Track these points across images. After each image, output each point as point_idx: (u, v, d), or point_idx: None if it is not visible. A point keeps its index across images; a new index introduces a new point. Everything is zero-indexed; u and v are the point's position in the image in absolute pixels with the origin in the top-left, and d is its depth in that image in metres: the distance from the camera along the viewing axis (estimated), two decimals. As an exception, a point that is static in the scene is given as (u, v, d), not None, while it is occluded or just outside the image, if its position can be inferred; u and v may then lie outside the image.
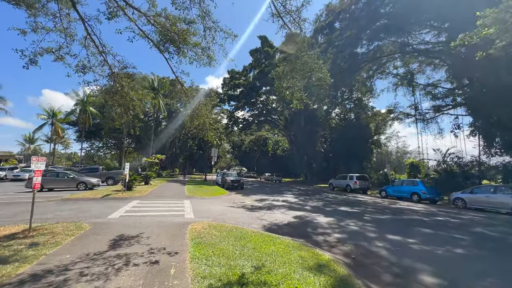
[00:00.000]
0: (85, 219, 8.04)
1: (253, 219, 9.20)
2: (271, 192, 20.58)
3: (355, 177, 22.30)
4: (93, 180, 18.91)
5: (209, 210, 10.63)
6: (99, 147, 67.39)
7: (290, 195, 18.83)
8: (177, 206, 11.29)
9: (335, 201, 15.85)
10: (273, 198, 16.25)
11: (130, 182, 16.03)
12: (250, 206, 12.45)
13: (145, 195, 14.73)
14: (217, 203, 12.99)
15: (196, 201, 13.54)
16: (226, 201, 14.29)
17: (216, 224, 7.56)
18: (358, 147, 35.92)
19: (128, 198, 13.30)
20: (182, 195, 15.80)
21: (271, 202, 14.22)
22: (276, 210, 11.49)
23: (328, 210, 11.84)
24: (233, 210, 11.08)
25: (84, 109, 37.53)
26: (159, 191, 17.31)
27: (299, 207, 12.60)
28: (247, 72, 39.89)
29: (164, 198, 13.99)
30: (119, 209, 9.96)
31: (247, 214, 10.30)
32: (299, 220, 9.46)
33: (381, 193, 18.98)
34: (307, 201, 15.15)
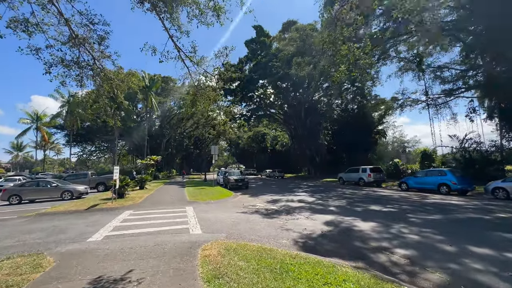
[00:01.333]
0: (56, 245, 5.88)
1: (277, 230, 7.17)
2: (280, 191, 18.58)
3: (368, 170, 20.47)
4: (80, 188, 16.59)
5: (218, 220, 8.54)
6: (92, 151, 64.52)
7: (302, 193, 16.86)
8: (178, 217, 9.17)
9: (357, 198, 13.93)
10: (286, 198, 14.24)
11: (121, 188, 13.81)
12: (265, 211, 10.42)
13: (139, 203, 12.55)
14: (225, 209, 10.91)
15: (200, 207, 11.43)
16: (234, 205, 12.22)
17: (235, 245, 5.48)
18: (362, 138, 34.13)
19: (119, 209, 11.10)
20: (183, 200, 13.66)
21: (287, 204, 12.21)
22: (297, 214, 9.48)
23: (359, 211, 9.88)
24: (247, 217, 9.01)
25: (70, 111, 34.80)
26: (156, 197, 15.13)
27: (323, 209, 10.61)
28: (242, 65, 37.58)
29: (162, 206, 11.84)
30: (105, 226, 7.81)
31: (266, 222, 8.25)
32: (334, 227, 7.47)
33: (401, 185, 17.16)
34: (326, 200, 13.18)
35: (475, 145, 20.45)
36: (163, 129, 50.83)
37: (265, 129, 60.96)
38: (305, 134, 38.63)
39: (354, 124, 34.45)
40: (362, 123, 34.16)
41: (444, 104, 23.84)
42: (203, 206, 11.72)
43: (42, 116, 35.90)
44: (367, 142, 34.61)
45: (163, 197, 14.79)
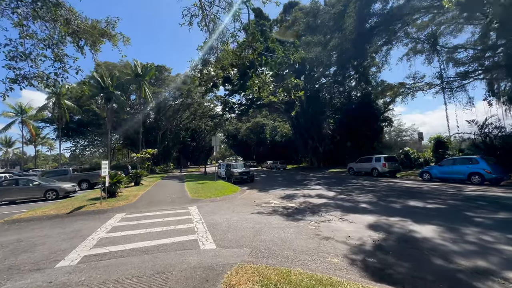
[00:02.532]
0: (7, 278, 4.01)
1: (314, 240, 5.41)
2: (289, 184, 16.87)
3: (383, 159, 18.84)
4: (66, 186, 14.61)
5: (232, 225, 6.74)
6: (85, 145, 61.98)
7: (315, 185, 15.15)
8: (182, 221, 7.35)
9: (383, 191, 12.26)
10: (301, 193, 12.52)
11: (112, 186, 11.88)
12: (284, 210, 8.66)
13: (133, 203, 10.67)
14: (235, 208, 9.12)
15: (206, 207, 9.61)
16: (244, 202, 10.43)
17: (274, 273, 3.68)
18: (367, 126, 32.57)
19: (108, 211, 9.22)
20: (184, 197, 11.82)
21: (306, 200, 10.47)
22: (326, 214, 7.75)
23: (399, 209, 8.18)
24: (266, 220, 7.23)
25: (58, 103, 32.24)
26: (153, 194, 13.25)
27: (352, 206, 8.89)
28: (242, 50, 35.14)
29: (161, 206, 9.99)
30: (87, 239, 5.94)
31: (293, 227, 6.48)
32: (386, 233, 5.73)
33: (423, 175, 15.57)
34: (349, 194, 11.47)
35: (496, 131, 18.91)
36: (158, 122, 48.46)
37: (264, 119, 58.96)
38: (307, 124, 36.82)
39: (359, 112, 32.73)
40: (367, 111, 32.44)
41: (460, 87, 22.14)
42: (209, 205, 9.90)
43: (27, 109, 33.23)
44: (373, 131, 33.01)
45: (161, 195, 12.92)
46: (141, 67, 35.76)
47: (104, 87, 30.42)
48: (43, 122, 40.75)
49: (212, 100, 50.56)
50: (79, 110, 33.58)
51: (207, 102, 49.72)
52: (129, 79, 33.38)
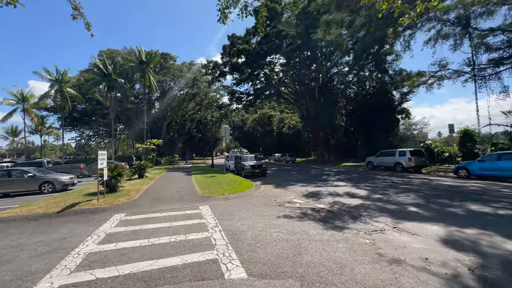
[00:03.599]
0: None
1: (380, 265, 3.81)
2: (307, 179, 15.28)
3: (408, 153, 17.06)
4: (64, 178, 13.27)
5: (259, 236, 5.18)
6: (90, 135, 61.17)
7: (337, 181, 13.53)
8: (194, 228, 5.82)
9: (423, 190, 10.58)
10: (325, 190, 10.92)
11: (112, 180, 10.42)
12: (315, 212, 7.10)
13: (135, 200, 9.21)
14: (256, 210, 7.57)
15: (220, 206, 8.09)
16: (264, 201, 8.88)
17: None
18: (382, 118, 30.61)
19: (105, 211, 7.77)
20: (193, 193, 10.33)
21: (335, 199, 8.88)
22: (372, 221, 6.14)
23: (463, 215, 6.51)
24: (300, 228, 5.66)
25: (60, 91, 30.84)
26: (158, 189, 11.80)
27: (400, 210, 7.25)
28: (250, 37, 33.08)
29: (167, 204, 8.51)
30: (71, 254, 4.45)
31: (340, 240, 4.89)
32: (481, 257, 4.09)
33: (459, 172, 13.78)
34: (384, 193, 9.82)
35: (537, 123, 16.89)
36: (163, 112, 47.01)
37: (272, 111, 57.05)
38: (318, 115, 34.87)
39: (374, 103, 30.77)
40: (382, 102, 30.48)
41: (493, 75, 19.96)
42: (223, 205, 8.38)
43: (29, 97, 31.93)
44: (388, 123, 31.05)
45: (167, 190, 11.46)
46: (145, 54, 33.97)
47: (106, 74, 28.85)
48: (46, 111, 39.61)
49: (219, 90, 48.78)
50: (82, 99, 32.16)
51: (213, 92, 47.94)
52: (133, 66, 31.71)
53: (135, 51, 33.86)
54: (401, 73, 29.49)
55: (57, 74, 30.96)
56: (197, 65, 44.35)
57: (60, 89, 30.88)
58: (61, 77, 30.91)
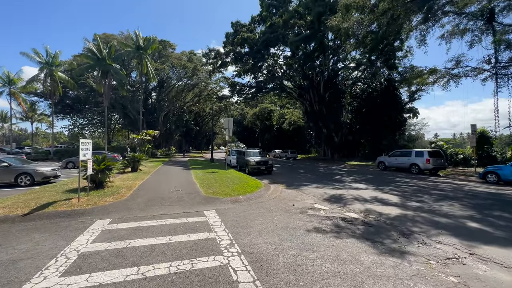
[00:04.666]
0: None
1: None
2: (318, 179, 13.80)
3: (426, 154, 15.69)
4: (45, 169, 11.53)
5: (296, 264, 3.63)
6: (83, 124, 58.79)
7: (354, 183, 12.07)
8: (201, 247, 4.24)
9: (461, 197, 9.16)
10: (347, 194, 9.44)
11: (98, 175, 8.73)
12: (349, 224, 5.61)
13: (125, 199, 7.58)
14: (276, 218, 6.02)
15: (231, 212, 6.51)
16: (281, 206, 7.35)
17: None
18: (388, 117, 29.34)
19: (86, 214, 6.13)
20: (195, 193, 8.73)
21: (366, 206, 7.40)
22: (434, 242, 4.67)
23: (546, 236, 5.09)
24: (346, 252, 4.13)
25: (50, 75, 28.64)
26: (153, 186, 10.17)
27: (460, 226, 5.79)
28: (255, 26, 31.14)
29: (164, 207, 6.91)
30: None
31: (420, 281, 3.38)
32: None
33: (488, 176, 12.44)
34: (421, 201, 8.36)
35: None
36: (160, 102, 44.95)
37: (272, 106, 55.35)
38: (322, 111, 33.42)
39: (381, 100, 29.42)
40: (390, 100, 29.16)
41: (516, 73, 18.62)
42: (233, 210, 6.82)
43: (16, 80, 29.60)
44: (396, 122, 29.78)
45: (164, 187, 9.83)
46: (143, 39, 31.81)
47: (100, 58, 26.74)
48: (36, 96, 37.26)
49: (219, 82, 46.77)
50: (74, 84, 29.96)
51: (213, 83, 45.94)
52: (129, 51, 29.61)
53: (132, 36, 31.69)
54: (412, 69, 28.09)
55: (47, 57, 28.70)
56: (197, 55, 42.26)
57: (50, 73, 28.67)
58: (51, 60, 28.67)
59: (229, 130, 16.47)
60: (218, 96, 42.89)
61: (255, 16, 30.36)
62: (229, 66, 35.49)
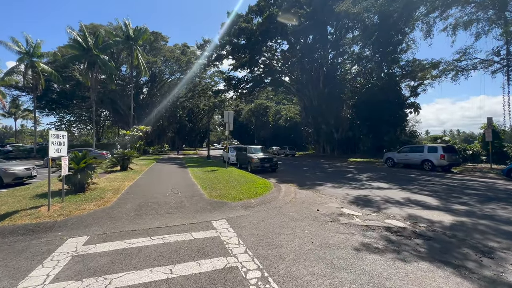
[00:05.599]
0: None
1: None
2: (331, 177, 12.50)
3: (440, 149, 14.61)
4: (17, 169, 9.78)
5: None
6: (71, 121, 55.90)
7: (373, 181, 10.81)
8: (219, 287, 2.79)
9: (501, 196, 8.02)
10: (374, 195, 8.14)
11: (78, 175, 7.10)
12: (401, 237, 4.27)
13: (110, 207, 6.02)
14: (310, 233, 4.61)
15: (247, 224, 5.05)
16: (305, 212, 5.96)
17: None
18: (389, 112, 28.43)
19: (56, 229, 4.55)
20: (196, 196, 7.23)
21: (408, 212, 6.09)
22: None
23: None
24: (422, 283, 2.79)
25: (31, 66, 26.29)
26: (146, 188, 8.60)
27: (534, 236, 4.55)
28: (252, 16, 29.49)
29: (160, 217, 5.40)
30: None
31: None
32: None
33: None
34: (462, 202, 7.14)
35: None
36: (152, 97, 42.81)
37: (268, 102, 53.90)
38: (321, 106, 32.20)
39: (382, 95, 28.37)
40: (391, 95, 28.20)
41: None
42: (249, 219, 5.37)
43: (-7, 71, 27.17)
44: (397, 117, 28.87)
45: (159, 189, 8.29)
46: (133, 30, 29.69)
47: (86, 48, 24.60)
48: (18, 90, 34.58)
49: (213, 77, 44.93)
50: (58, 77, 27.63)
51: (208, 78, 44.07)
52: (118, 41, 27.47)
53: (122, 26, 29.50)
54: (415, 63, 27.14)
55: (27, 46, 26.31)
56: (191, 48, 40.27)
57: (31, 64, 26.30)
58: (32, 49, 26.30)
59: (229, 125, 14.96)
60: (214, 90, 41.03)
61: (253, 6, 28.71)
62: (224, 59, 33.82)
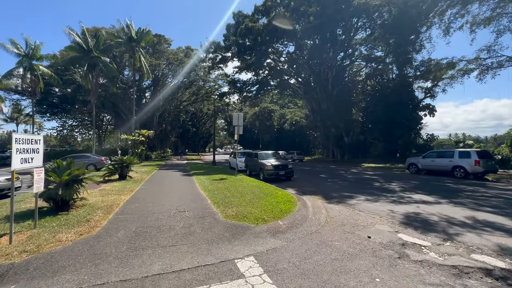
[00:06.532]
0: None
1: None
2: (355, 187, 10.93)
3: (474, 154, 13.01)
4: (-5, 180, 8.32)
5: None
6: (73, 126, 54.72)
7: (406, 192, 9.23)
8: None
9: None
10: (424, 212, 6.55)
11: (59, 191, 5.58)
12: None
13: (97, 234, 4.48)
14: (380, 280, 3.07)
15: (293, 273, 3.46)
16: (357, 243, 4.39)
17: None
18: (402, 115, 26.88)
19: (2, 283, 3.04)
20: (209, 220, 5.70)
21: (488, 238, 4.51)
22: None
23: None
24: None
25: (30, 68, 25.17)
26: (145, 205, 7.08)
27: None
28: (258, 17, 28.30)
29: (162, 256, 3.84)
30: None
31: None
32: None
33: None
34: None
35: None
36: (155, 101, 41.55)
37: (273, 105, 52.55)
38: (330, 109, 30.73)
39: (395, 97, 26.88)
40: (402, 96, 26.71)
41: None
42: (286, 255, 3.82)
43: (-9, 74, 26.08)
44: (411, 120, 27.29)
45: (161, 206, 6.77)
46: (136, 32, 28.59)
47: (87, 49, 23.44)
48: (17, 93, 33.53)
49: (217, 80, 43.72)
50: (58, 80, 26.47)
51: (212, 81, 42.86)
52: (120, 43, 26.35)
53: (124, 28, 28.42)
54: (429, 63, 25.67)
55: (27, 48, 25.23)
56: (195, 50, 39.18)
57: (30, 67, 25.18)
58: (31, 52, 25.20)
59: (238, 128, 13.48)
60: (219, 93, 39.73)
61: (259, 6, 27.52)
62: (229, 61, 32.61)
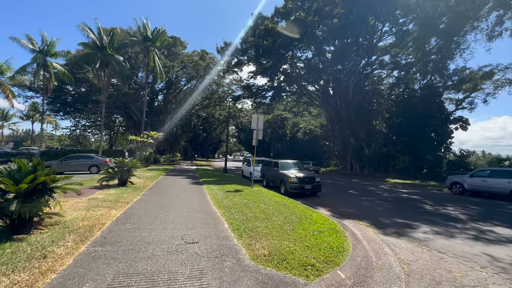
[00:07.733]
0: None
1: None
2: (401, 209, 8.76)
3: (543, 175, 10.60)
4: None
5: None
6: (86, 126, 54.42)
7: (475, 222, 7.03)
8: None
9: None
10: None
11: (14, 204, 3.83)
12: None
13: None
14: None
15: None
16: None
17: None
18: (431, 127, 24.47)
19: None
20: (230, 263, 3.79)
21: None
22: None
23: None
24: None
25: (44, 64, 24.47)
26: (138, 230, 5.22)
27: None
28: (278, 19, 26.90)
29: None
30: None
31: None
32: None
33: None
34: None
35: None
36: (167, 104, 40.59)
37: (286, 113, 50.74)
38: (350, 118, 28.57)
39: (422, 107, 24.55)
40: (433, 107, 24.35)
41: None
42: None
43: (6, 69, 25.54)
44: (441, 133, 24.78)
45: (160, 231, 4.92)
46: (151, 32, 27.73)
47: (100, 46, 22.53)
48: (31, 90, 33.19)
49: (231, 85, 42.46)
50: (71, 78, 25.68)
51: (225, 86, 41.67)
52: (134, 41, 25.45)
53: (140, 26, 27.62)
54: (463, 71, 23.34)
55: (42, 45, 24.63)
56: (210, 54, 38.22)
57: (43, 63, 24.49)
58: (46, 48, 24.56)
59: (257, 132, 11.64)
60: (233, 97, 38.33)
61: (280, 7, 26.14)
62: (245, 65, 31.26)
